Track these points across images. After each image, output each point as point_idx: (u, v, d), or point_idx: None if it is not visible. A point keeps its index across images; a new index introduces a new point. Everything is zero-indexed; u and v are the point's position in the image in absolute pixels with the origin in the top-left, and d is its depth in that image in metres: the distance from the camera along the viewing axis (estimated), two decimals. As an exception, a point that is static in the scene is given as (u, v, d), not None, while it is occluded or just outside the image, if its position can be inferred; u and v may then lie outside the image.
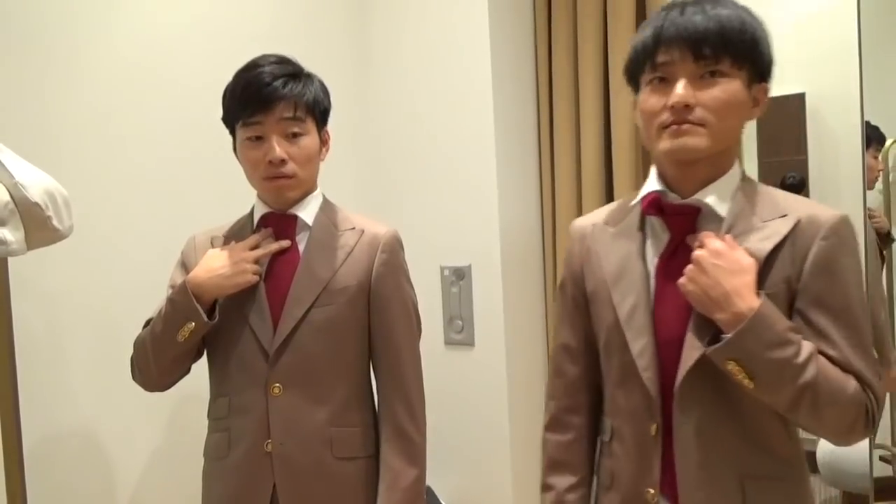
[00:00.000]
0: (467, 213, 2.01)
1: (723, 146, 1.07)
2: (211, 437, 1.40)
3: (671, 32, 1.03)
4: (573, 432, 1.25)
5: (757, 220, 1.07)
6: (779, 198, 1.10)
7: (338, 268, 1.37)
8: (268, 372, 1.32)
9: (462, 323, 2.04)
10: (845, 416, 1.01)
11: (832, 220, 1.04)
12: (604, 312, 1.17)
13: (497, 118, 1.97)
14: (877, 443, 1.87)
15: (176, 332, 1.30)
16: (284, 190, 1.35)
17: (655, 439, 1.10)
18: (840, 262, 1.04)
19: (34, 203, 1.16)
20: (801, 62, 3.29)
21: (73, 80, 1.59)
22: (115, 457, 1.65)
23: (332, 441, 1.35)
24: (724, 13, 1.03)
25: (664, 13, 1.06)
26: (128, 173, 1.67)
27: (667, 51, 1.04)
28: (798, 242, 1.04)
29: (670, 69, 1.05)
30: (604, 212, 1.25)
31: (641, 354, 1.10)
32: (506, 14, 2.01)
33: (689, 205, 1.10)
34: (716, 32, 1.01)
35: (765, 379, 0.99)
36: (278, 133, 1.32)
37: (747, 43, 1.04)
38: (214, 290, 1.31)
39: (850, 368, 1.02)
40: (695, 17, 1.03)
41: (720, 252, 1.02)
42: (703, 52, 1.02)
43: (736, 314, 0.99)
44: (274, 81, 1.30)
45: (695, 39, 1.02)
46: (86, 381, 1.60)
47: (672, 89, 1.04)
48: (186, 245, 1.45)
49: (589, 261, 1.21)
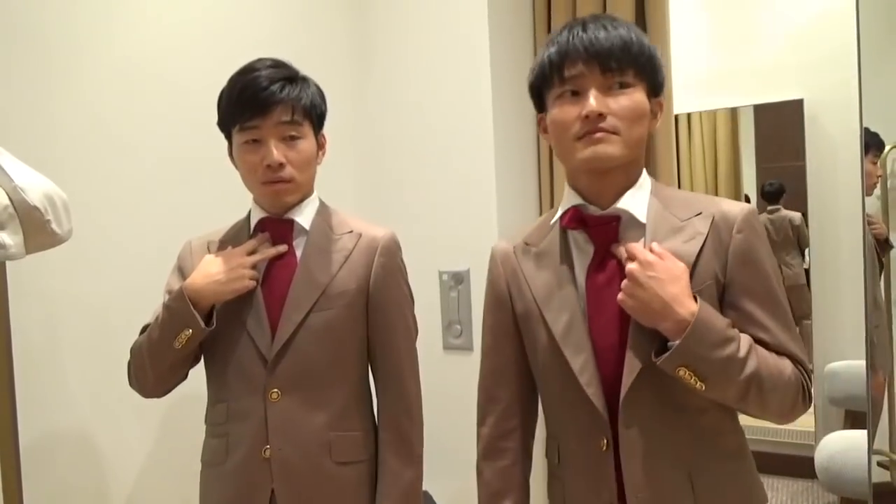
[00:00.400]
0: (466, 217, 2.01)
1: (634, 154, 1.11)
2: (209, 442, 1.39)
3: (577, 47, 1.08)
4: (509, 458, 1.24)
5: (676, 221, 1.11)
6: (689, 197, 1.16)
7: (336, 272, 1.37)
8: (266, 377, 1.32)
9: (460, 327, 2.04)
10: (787, 398, 1.06)
11: (742, 212, 1.10)
12: (537, 333, 1.17)
13: (496, 123, 1.97)
14: (875, 448, 1.87)
15: (173, 338, 1.29)
16: (282, 194, 1.35)
17: (607, 453, 1.09)
18: (758, 251, 1.09)
19: (33, 207, 1.16)
20: (800, 68, 3.31)
21: (72, 84, 1.58)
22: (112, 459, 1.65)
23: (330, 446, 1.34)
24: (623, 31, 1.09)
25: (566, 31, 1.11)
26: (126, 177, 1.66)
27: (574, 65, 1.08)
28: (717, 238, 1.09)
29: (580, 82, 1.08)
30: (522, 233, 1.26)
31: (583, 371, 1.10)
32: (505, 19, 2.02)
33: (610, 215, 1.12)
34: (619, 47, 1.07)
35: (714, 379, 1.02)
36: (276, 137, 1.31)
37: (646, 57, 1.10)
38: (212, 296, 1.30)
39: (783, 350, 1.07)
40: (598, 32, 1.08)
41: (652, 263, 1.04)
42: (609, 65, 1.07)
43: (679, 322, 1.01)
44: (271, 85, 1.29)
45: (601, 53, 1.07)
46: (82, 384, 1.60)
47: (583, 101, 1.07)
48: (182, 250, 1.45)
49: (516, 283, 1.21)
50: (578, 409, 1.12)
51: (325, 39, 2.10)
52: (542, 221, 1.24)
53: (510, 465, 1.24)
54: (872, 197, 1.96)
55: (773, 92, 3.30)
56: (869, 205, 1.95)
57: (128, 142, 1.67)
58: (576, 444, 1.14)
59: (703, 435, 1.10)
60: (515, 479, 1.24)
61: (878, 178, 1.93)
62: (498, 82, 1.97)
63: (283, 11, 1.99)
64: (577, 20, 1.13)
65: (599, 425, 1.10)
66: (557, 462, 1.19)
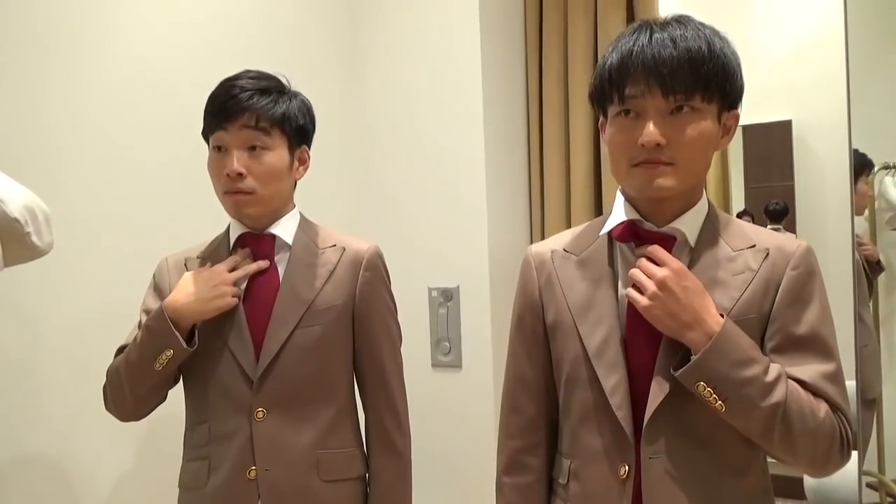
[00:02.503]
0: (456, 233, 2.00)
1: (693, 182, 1.06)
2: (188, 465, 1.35)
3: (639, 65, 0.99)
4: (532, 475, 1.18)
5: (728, 250, 1.06)
6: (745, 228, 1.10)
7: (321, 287, 1.34)
8: (251, 397, 1.29)
9: (449, 345, 2.02)
10: (819, 443, 1.00)
11: (800, 249, 1.05)
12: (568, 344, 1.11)
13: (487, 139, 1.97)
14: (864, 469, 1.86)
15: (153, 360, 1.25)
16: (242, 205, 1.30)
17: (625, 482, 1.03)
18: (810, 292, 1.04)
19: (13, 219, 1.13)
20: (788, 89, 3.34)
21: (57, 97, 1.56)
22: (88, 480, 1.60)
23: (318, 464, 1.32)
24: (693, 44, 0.99)
25: (631, 38, 1.02)
26: (109, 190, 1.63)
27: (635, 84, 1.00)
28: (769, 273, 1.04)
29: (639, 103, 1.01)
30: (564, 238, 1.19)
31: (615, 391, 1.05)
32: (497, 36, 2.02)
33: (667, 233, 1.07)
34: (686, 68, 0.98)
35: (735, 399, 0.97)
36: (238, 145, 1.29)
37: (717, 74, 1.01)
38: (193, 315, 1.26)
39: (821, 394, 1.01)
40: (664, 49, 0.99)
41: (685, 273, 1.01)
42: (672, 89, 0.99)
43: (708, 333, 0.98)
44: (241, 93, 1.28)
45: (664, 75, 0.98)
46: (59, 402, 1.56)
47: (642, 125, 1.00)
48: (158, 267, 1.41)
49: (550, 289, 1.15)
50: (602, 430, 1.07)
51: (317, 54, 2.09)
52: (586, 230, 1.17)
53: (534, 482, 1.18)
54: (860, 217, 1.97)
55: (762, 113, 3.33)
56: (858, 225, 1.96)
57: (113, 155, 1.64)
58: (590, 467, 1.09)
59: (728, 472, 1.04)
60: (537, 498, 1.18)
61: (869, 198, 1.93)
62: (489, 98, 1.97)
63: (275, 22, 1.99)
64: (645, 23, 1.03)
65: (623, 451, 1.04)
66: (565, 483, 1.13)
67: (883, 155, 1.91)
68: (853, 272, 1.77)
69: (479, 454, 1.95)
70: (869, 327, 1.92)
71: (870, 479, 1.95)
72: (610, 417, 1.05)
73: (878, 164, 1.92)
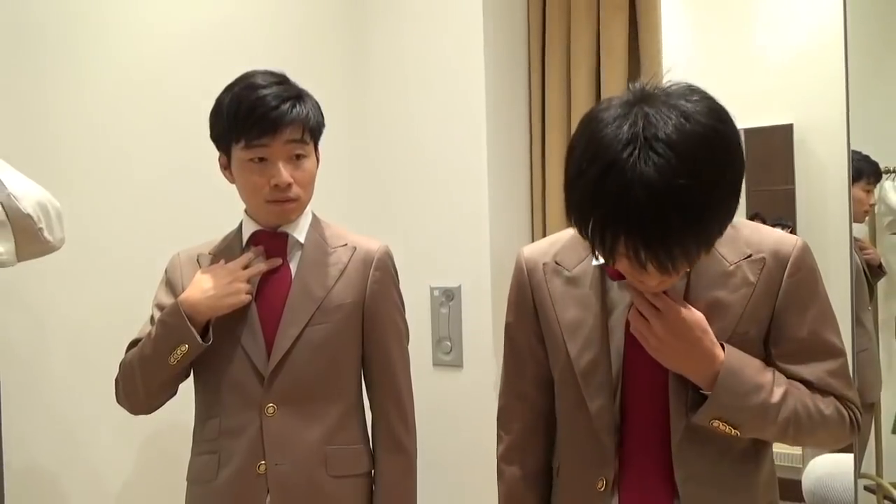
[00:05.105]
0: (458, 233, 2.01)
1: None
2: (197, 459, 1.37)
3: (619, 234, 0.89)
4: (532, 461, 1.21)
5: (724, 264, 1.05)
6: (743, 232, 1.07)
7: (332, 285, 1.36)
8: (262, 393, 1.31)
9: (451, 344, 2.04)
10: (828, 435, 1.07)
11: (795, 251, 1.06)
12: (559, 355, 1.13)
13: (489, 140, 1.98)
14: (861, 472, 1.87)
15: (168, 354, 1.26)
16: (289, 213, 1.35)
17: (602, 495, 1.07)
18: (809, 294, 1.07)
19: (26, 215, 1.16)
20: (789, 93, 3.35)
21: (65, 96, 1.58)
22: (96, 474, 1.62)
23: (327, 460, 1.34)
24: (685, 222, 0.87)
25: (606, 171, 0.87)
26: (118, 187, 1.65)
27: (615, 247, 0.91)
28: (768, 282, 1.05)
29: (619, 264, 0.97)
30: (555, 247, 1.17)
31: (599, 415, 1.08)
32: (500, 37, 2.03)
33: None
34: (681, 257, 0.90)
35: (748, 425, 1.02)
36: (284, 156, 1.30)
37: (715, 234, 0.94)
38: (208, 311, 1.28)
39: (828, 390, 1.07)
40: (645, 217, 0.86)
41: (684, 316, 1.00)
42: (666, 268, 0.91)
43: (713, 372, 1.00)
44: (281, 105, 1.28)
45: (650, 258, 0.89)
46: (63, 396, 1.58)
47: (643, 278, 0.96)
48: (170, 263, 1.42)
49: (541, 299, 1.16)
50: (585, 443, 1.10)
51: (322, 54, 2.11)
52: (576, 243, 1.13)
53: (532, 470, 1.21)
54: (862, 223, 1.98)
55: (763, 116, 3.34)
56: (859, 230, 1.97)
57: (121, 153, 1.66)
58: (573, 474, 1.13)
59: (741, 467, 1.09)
60: (537, 488, 1.20)
61: (870, 206, 1.93)
62: (492, 99, 1.98)
63: (278, 23, 2.00)
64: (618, 153, 0.87)
65: (602, 467, 1.07)
66: (556, 475, 1.19)
67: (883, 159, 1.92)
68: (851, 276, 1.78)
69: (480, 453, 1.96)
70: (869, 332, 1.93)
71: (867, 482, 1.96)
72: (593, 435, 1.08)
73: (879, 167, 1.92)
